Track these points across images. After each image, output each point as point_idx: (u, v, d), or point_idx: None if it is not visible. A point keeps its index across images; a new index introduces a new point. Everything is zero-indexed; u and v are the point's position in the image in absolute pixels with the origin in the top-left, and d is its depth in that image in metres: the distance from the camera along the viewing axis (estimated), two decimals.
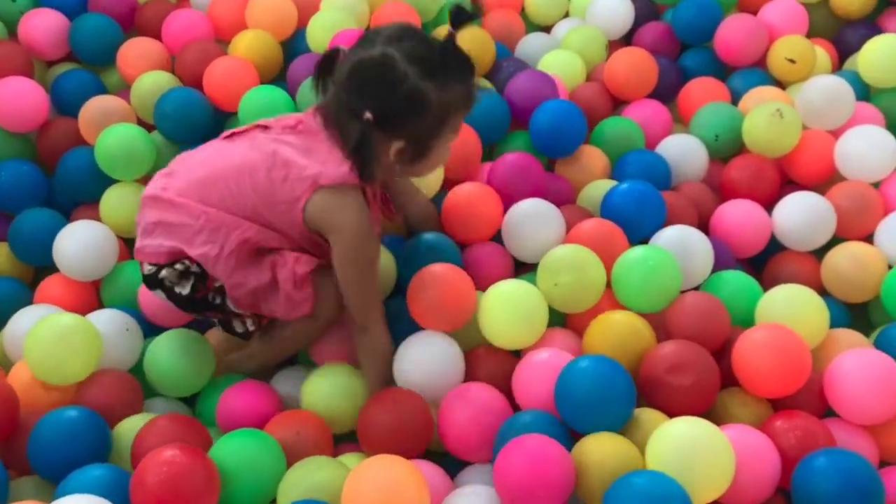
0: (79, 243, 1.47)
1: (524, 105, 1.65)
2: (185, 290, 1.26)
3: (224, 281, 1.25)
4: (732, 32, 1.80)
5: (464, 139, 1.55)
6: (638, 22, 1.92)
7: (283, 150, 1.23)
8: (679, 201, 1.53)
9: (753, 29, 1.80)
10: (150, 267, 1.27)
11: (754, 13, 1.87)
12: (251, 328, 1.34)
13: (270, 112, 1.49)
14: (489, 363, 1.32)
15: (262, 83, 1.69)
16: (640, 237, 1.45)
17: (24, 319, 1.37)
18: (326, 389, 1.31)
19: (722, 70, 1.85)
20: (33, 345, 1.27)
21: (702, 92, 1.76)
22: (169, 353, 1.33)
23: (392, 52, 1.16)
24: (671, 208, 1.49)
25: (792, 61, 1.74)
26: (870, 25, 1.91)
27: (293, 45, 1.83)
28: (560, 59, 1.81)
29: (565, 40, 1.89)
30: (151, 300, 1.42)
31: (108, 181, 1.60)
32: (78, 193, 1.63)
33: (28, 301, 1.48)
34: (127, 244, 1.58)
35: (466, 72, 1.22)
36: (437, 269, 1.32)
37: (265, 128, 1.28)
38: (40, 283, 1.52)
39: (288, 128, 1.27)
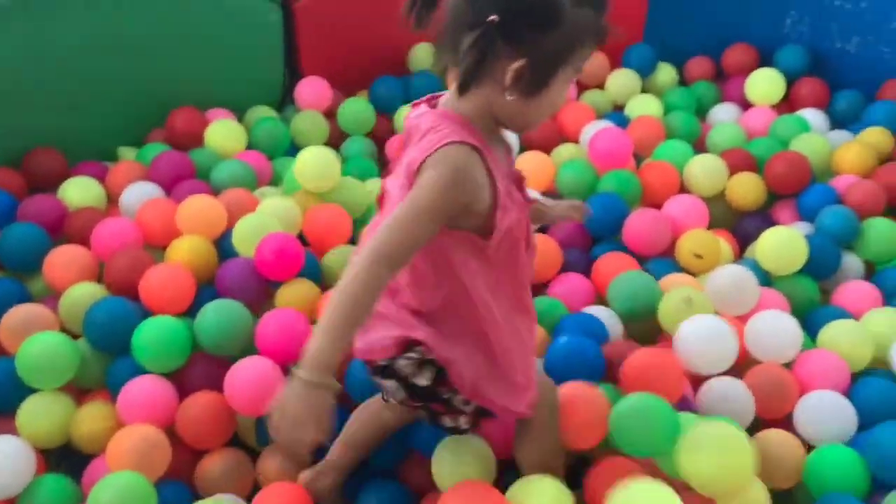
0: None
1: None
2: (423, 380, 1.22)
3: (450, 359, 1.19)
4: (638, 227, 1.93)
5: None
6: None
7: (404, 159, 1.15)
8: (614, 354, 1.57)
9: (658, 223, 1.93)
10: (383, 360, 1.23)
11: (658, 207, 2.01)
12: (463, 426, 1.29)
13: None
14: None
15: (197, 286, 1.72)
16: None
17: None
18: None
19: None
20: None
21: (613, 266, 1.84)
22: None
23: None
24: (608, 361, 1.55)
25: (699, 256, 1.86)
26: (765, 217, 2.08)
27: (221, 246, 1.86)
28: None
29: None
30: None
31: (27, 391, 1.55)
32: None
33: None
34: (45, 455, 1.52)
35: (602, 3, 1.10)
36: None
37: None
38: None
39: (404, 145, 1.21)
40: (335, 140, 2.35)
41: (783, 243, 1.83)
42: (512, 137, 1.30)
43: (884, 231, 1.96)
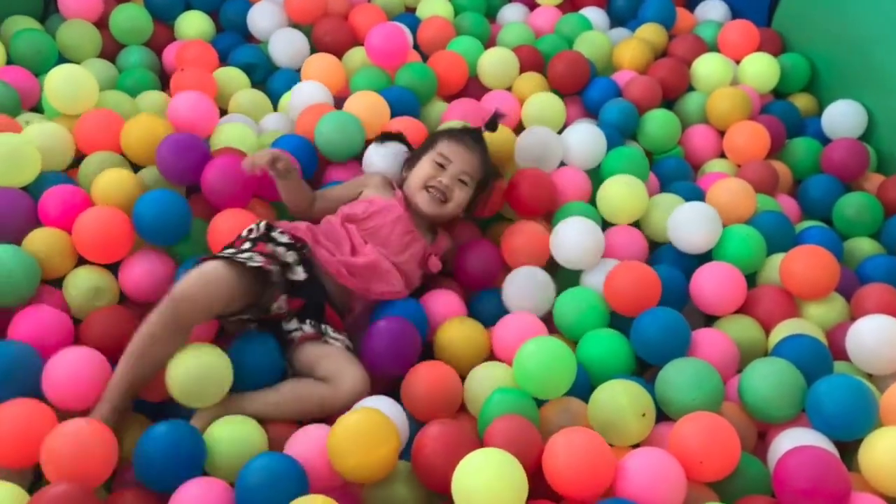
0: None
1: None
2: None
3: None
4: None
5: None
6: None
7: None
8: None
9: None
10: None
11: (450, 98, 2.03)
12: (307, 328, 1.54)
13: None
14: None
15: None
16: None
17: None
18: None
19: None
20: None
21: None
22: None
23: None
24: None
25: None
26: None
27: None
28: None
29: None
30: None
31: None
32: None
33: None
34: None
35: (472, 140, 1.78)
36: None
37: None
38: None
39: None
40: (109, 51, 2.18)
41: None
42: None
43: (662, 121, 2.09)
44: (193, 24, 2.25)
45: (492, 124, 1.84)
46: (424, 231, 1.75)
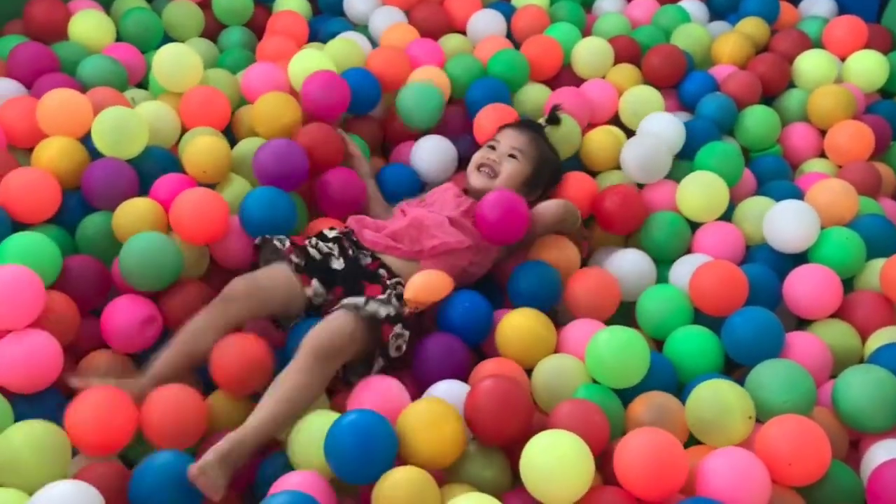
0: None
1: None
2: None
3: None
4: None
5: None
6: None
7: None
8: None
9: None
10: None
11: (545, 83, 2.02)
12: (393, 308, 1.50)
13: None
14: None
15: (67, 189, 1.67)
16: None
17: None
18: None
19: None
20: None
21: None
22: None
23: None
24: None
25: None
26: None
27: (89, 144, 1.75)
28: None
29: None
30: None
31: None
32: None
33: None
34: None
35: (523, 125, 1.87)
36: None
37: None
38: None
39: None
40: (211, 31, 2.24)
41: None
42: None
43: (761, 118, 2.04)
44: (291, 6, 2.30)
45: (553, 118, 1.91)
46: None
